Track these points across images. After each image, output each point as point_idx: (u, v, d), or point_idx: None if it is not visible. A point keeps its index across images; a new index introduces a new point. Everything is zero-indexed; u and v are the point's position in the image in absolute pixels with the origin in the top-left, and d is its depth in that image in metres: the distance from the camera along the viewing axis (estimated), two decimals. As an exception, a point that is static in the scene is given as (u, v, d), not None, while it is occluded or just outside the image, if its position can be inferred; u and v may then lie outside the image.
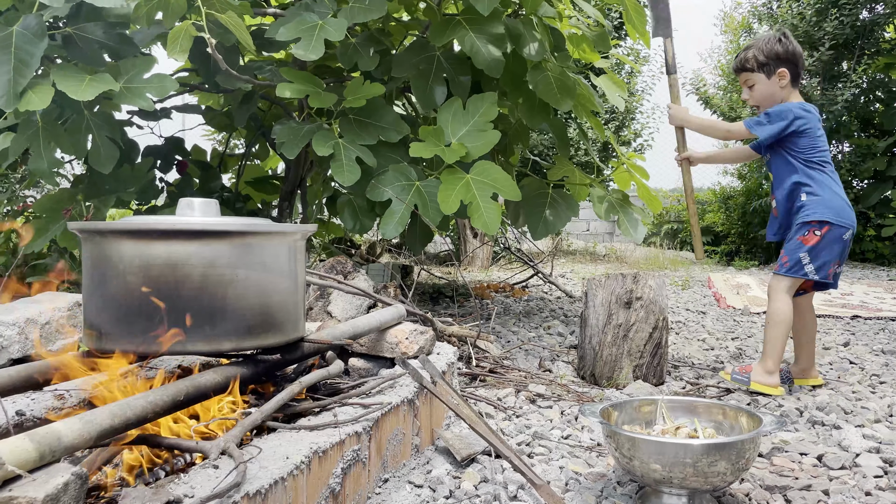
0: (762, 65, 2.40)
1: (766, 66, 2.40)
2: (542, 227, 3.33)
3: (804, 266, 2.33)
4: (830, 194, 2.34)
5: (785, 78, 2.40)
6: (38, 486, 0.91)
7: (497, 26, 2.84)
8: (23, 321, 1.72)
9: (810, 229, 2.33)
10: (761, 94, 2.44)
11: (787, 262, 2.36)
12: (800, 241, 2.34)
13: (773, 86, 2.41)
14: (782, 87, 2.41)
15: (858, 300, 4.80)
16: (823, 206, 2.33)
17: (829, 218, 2.32)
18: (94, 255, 1.38)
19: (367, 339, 1.95)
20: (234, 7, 2.56)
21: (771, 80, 2.41)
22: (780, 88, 2.41)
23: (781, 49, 2.39)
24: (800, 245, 2.33)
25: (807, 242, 2.33)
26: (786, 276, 2.37)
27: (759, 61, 2.40)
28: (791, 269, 2.35)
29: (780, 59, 2.39)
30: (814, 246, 2.32)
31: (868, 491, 1.56)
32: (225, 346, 1.38)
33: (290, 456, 1.21)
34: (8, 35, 2.38)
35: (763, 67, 2.41)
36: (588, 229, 11.06)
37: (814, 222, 2.32)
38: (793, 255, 2.35)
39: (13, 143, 2.61)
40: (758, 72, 2.42)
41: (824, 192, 2.34)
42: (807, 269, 2.33)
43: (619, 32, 8.07)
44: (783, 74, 2.39)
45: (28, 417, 1.39)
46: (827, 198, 2.33)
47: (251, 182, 3.99)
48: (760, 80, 2.42)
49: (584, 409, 1.56)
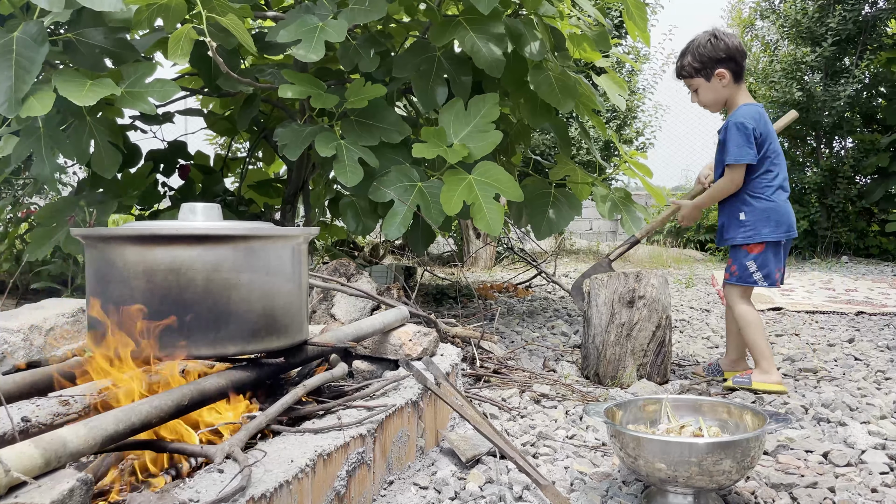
0: (698, 70, 2.39)
1: (702, 70, 2.38)
2: (545, 227, 3.33)
3: (752, 275, 2.38)
4: (764, 209, 2.36)
5: (725, 77, 2.37)
6: (44, 493, 0.92)
7: (497, 26, 2.84)
8: (27, 327, 1.72)
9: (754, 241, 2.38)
10: (706, 98, 2.43)
11: (736, 271, 2.41)
12: (746, 250, 2.39)
13: (715, 88, 2.39)
14: (724, 86, 2.38)
15: (863, 296, 4.79)
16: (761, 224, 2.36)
17: (767, 238, 2.36)
18: (98, 260, 1.38)
19: (371, 341, 1.95)
20: (234, 10, 2.56)
21: (712, 83, 2.39)
22: (722, 88, 2.39)
23: (712, 49, 2.35)
24: (746, 254, 2.38)
25: (752, 251, 2.38)
26: (737, 285, 2.42)
27: (695, 67, 2.39)
28: (741, 278, 2.40)
29: (715, 61, 2.36)
30: (759, 254, 2.37)
31: (874, 488, 1.56)
32: (229, 350, 1.38)
33: (295, 459, 1.21)
34: (9, 41, 2.38)
35: (700, 72, 2.39)
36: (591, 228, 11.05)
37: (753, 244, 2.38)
38: (741, 265, 2.39)
39: (16, 148, 2.62)
40: (696, 77, 2.40)
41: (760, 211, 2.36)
42: (755, 278, 2.38)
43: (620, 31, 8.06)
44: (722, 75, 2.37)
45: (33, 423, 1.39)
46: (762, 216, 2.36)
47: (254, 185, 4.00)
48: (701, 85, 2.41)
49: (588, 409, 1.56)
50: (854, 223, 8.14)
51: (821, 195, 8.23)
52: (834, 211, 8.12)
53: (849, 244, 8.20)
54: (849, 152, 8.33)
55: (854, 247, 8.23)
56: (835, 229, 8.12)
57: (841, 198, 8.05)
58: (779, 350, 3.10)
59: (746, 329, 2.41)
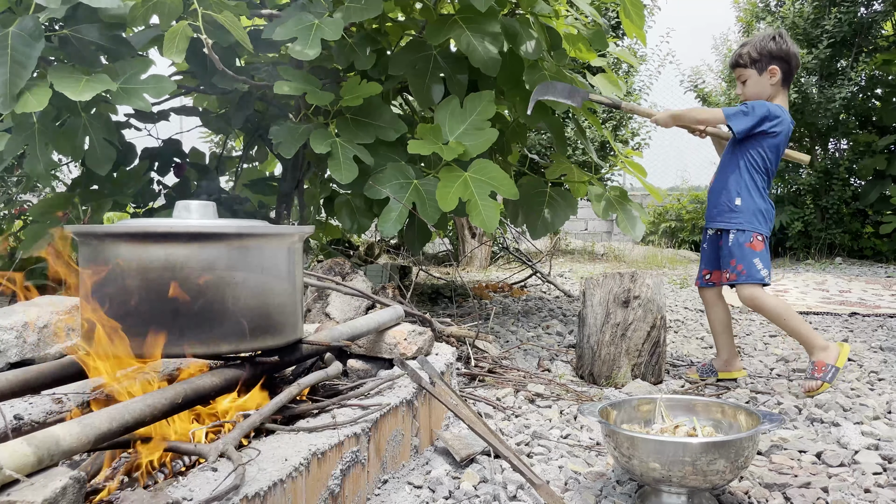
0: (755, 61, 2.44)
1: (758, 62, 2.43)
2: (540, 226, 3.33)
3: (759, 271, 2.38)
4: (760, 202, 2.40)
5: (776, 76, 2.42)
6: (37, 491, 0.91)
7: (493, 25, 2.84)
8: (20, 325, 1.71)
9: (753, 234, 2.39)
10: (752, 91, 2.46)
11: (744, 269, 2.40)
12: (749, 247, 2.39)
13: (763, 83, 2.44)
14: (772, 84, 2.43)
15: (856, 297, 4.80)
16: (757, 215, 2.39)
17: (763, 230, 2.39)
18: (92, 258, 1.38)
19: (366, 340, 1.95)
20: (230, 7, 2.56)
21: (762, 77, 2.44)
22: (770, 86, 2.44)
23: (775, 47, 2.42)
24: (751, 251, 2.39)
25: (756, 248, 2.39)
26: (749, 284, 2.40)
27: (752, 57, 2.44)
28: (749, 275, 2.39)
29: (772, 57, 2.42)
30: (762, 252, 2.39)
31: (867, 488, 1.56)
32: (223, 349, 1.38)
33: (289, 458, 1.21)
34: (4, 36, 2.37)
35: (755, 63, 2.44)
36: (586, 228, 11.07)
37: (753, 231, 2.39)
38: (747, 262, 2.39)
39: (8, 144, 2.61)
40: (750, 67, 2.45)
41: (755, 200, 2.40)
42: (763, 274, 2.38)
43: (617, 31, 8.07)
44: (774, 72, 2.42)
45: (26, 421, 1.39)
46: (757, 206, 2.39)
47: (249, 184, 3.99)
48: (752, 76, 2.45)
49: (582, 409, 1.56)
50: (848, 225, 8.17)
51: (815, 196, 8.26)
52: (828, 212, 8.15)
53: (843, 245, 8.23)
54: (844, 154, 8.35)
55: (848, 248, 8.26)
56: (829, 231, 8.15)
57: (835, 199, 8.08)
58: (773, 350, 3.10)
59: (786, 320, 2.38)
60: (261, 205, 4.03)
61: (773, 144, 2.39)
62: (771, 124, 2.36)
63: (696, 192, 10.26)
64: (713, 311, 2.61)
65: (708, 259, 2.59)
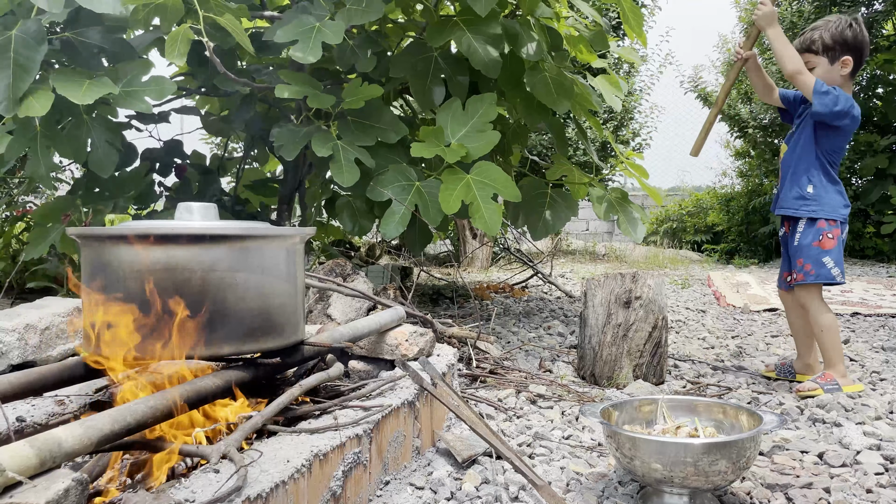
0: (828, 48, 2.29)
1: (832, 50, 2.29)
2: (541, 227, 3.33)
3: (830, 270, 2.31)
4: (834, 192, 2.33)
5: (848, 67, 2.29)
6: (39, 493, 0.91)
7: (494, 27, 2.84)
8: (22, 327, 1.72)
9: (823, 233, 2.30)
10: (820, 78, 2.30)
11: (812, 269, 2.32)
12: (818, 246, 2.30)
13: (833, 72, 2.30)
14: (843, 75, 2.30)
15: (858, 297, 4.80)
16: (831, 203, 2.30)
17: (837, 216, 2.30)
18: (94, 260, 1.38)
19: (367, 341, 1.95)
20: (231, 10, 2.56)
21: (833, 67, 2.29)
22: (839, 76, 2.30)
23: (851, 35, 2.27)
24: (820, 251, 2.30)
25: (826, 247, 2.30)
26: (815, 284, 2.34)
27: (826, 44, 2.28)
28: (818, 275, 2.32)
29: (847, 46, 2.28)
30: (833, 249, 2.31)
31: (869, 488, 1.56)
32: (225, 350, 1.38)
33: (291, 459, 1.21)
34: (7, 40, 2.38)
35: (828, 52, 2.29)
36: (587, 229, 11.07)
37: (822, 222, 2.30)
38: (816, 262, 2.31)
39: (10, 147, 2.61)
40: (822, 55, 2.30)
41: (830, 189, 2.32)
42: (833, 273, 2.31)
43: (618, 32, 8.08)
44: (847, 63, 2.29)
45: (28, 423, 1.39)
46: (832, 195, 2.31)
47: (250, 185, 3.99)
48: (822, 64, 2.30)
49: (584, 410, 1.56)
50: (850, 224, 8.16)
51: (817, 196, 8.25)
52: (829, 212, 8.14)
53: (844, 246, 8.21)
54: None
55: (849, 248, 8.24)
56: (830, 231, 8.14)
57: (837, 199, 8.07)
58: (775, 351, 3.11)
59: (828, 334, 2.32)
60: (262, 206, 4.04)
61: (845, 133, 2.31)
62: (845, 122, 2.27)
63: (696, 192, 10.25)
64: (792, 315, 2.53)
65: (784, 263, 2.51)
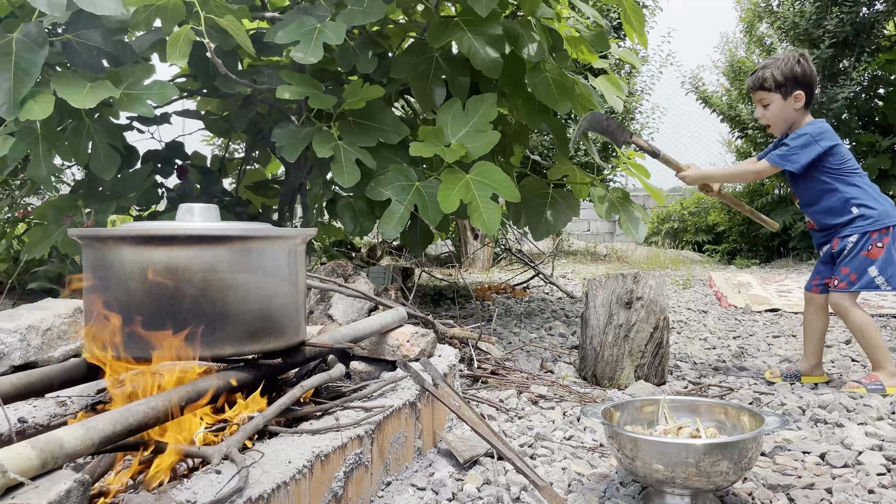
0: (780, 85, 2.37)
1: (783, 86, 2.37)
2: (542, 228, 3.33)
3: (874, 279, 2.32)
4: (880, 198, 2.34)
5: (801, 101, 2.37)
6: (41, 494, 0.91)
7: (495, 27, 2.84)
8: (24, 328, 1.72)
9: (873, 242, 2.30)
10: (775, 115, 2.41)
11: (856, 279, 2.33)
12: (865, 256, 2.31)
13: (787, 107, 2.38)
14: (796, 109, 2.38)
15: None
16: (880, 212, 2.31)
17: (890, 221, 2.30)
18: (95, 261, 1.38)
19: (369, 342, 1.95)
20: (232, 11, 2.56)
21: (787, 102, 2.38)
22: (794, 111, 2.38)
23: (801, 71, 2.35)
24: (866, 260, 2.31)
25: (873, 256, 2.31)
26: (856, 293, 2.35)
27: (777, 81, 2.37)
28: (862, 285, 2.33)
29: (798, 82, 2.36)
30: (882, 258, 2.31)
31: (871, 489, 1.56)
32: (226, 351, 1.38)
33: (293, 460, 1.21)
34: (8, 43, 2.38)
35: (780, 88, 2.37)
36: (589, 229, 11.07)
37: (874, 233, 2.30)
38: (860, 271, 2.32)
39: (12, 149, 2.61)
40: (774, 92, 2.38)
41: (874, 199, 2.33)
42: (878, 282, 2.32)
43: (619, 33, 8.08)
44: (799, 97, 2.37)
45: (30, 424, 1.39)
46: (880, 204, 2.32)
47: (251, 186, 4.00)
48: (776, 101, 2.39)
49: (586, 410, 1.56)
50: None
51: (818, 197, 8.25)
52: (832, 212, 8.13)
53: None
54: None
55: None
56: (832, 231, 8.13)
57: (839, 199, 8.06)
58: (776, 351, 3.10)
59: (870, 335, 2.35)
60: (263, 207, 4.04)
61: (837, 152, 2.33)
62: (822, 147, 2.31)
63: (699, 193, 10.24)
64: (813, 316, 2.54)
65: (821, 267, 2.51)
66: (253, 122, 3.63)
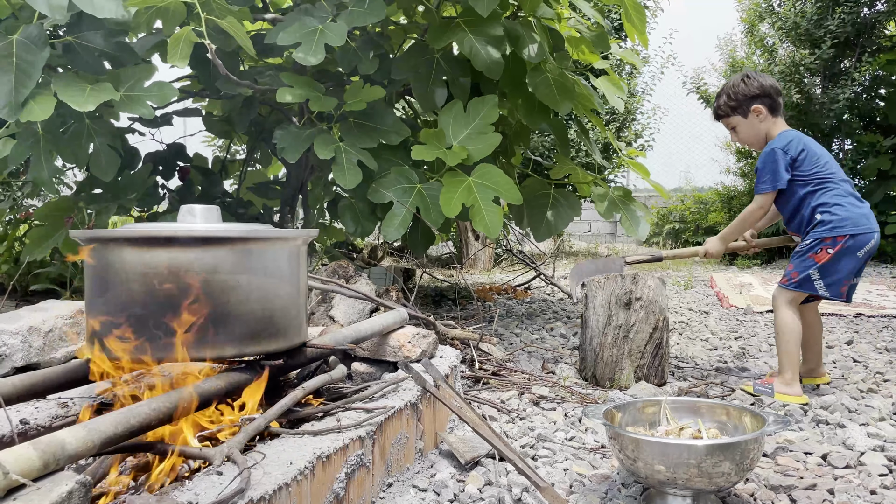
0: (735, 108, 2.44)
1: (738, 108, 2.43)
2: (544, 228, 3.33)
3: (813, 283, 2.31)
4: (849, 206, 2.32)
5: (761, 113, 2.41)
6: (43, 495, 0.91)
7: (496, 28, 2.84)
8: (25, 329, 1.72)
9: (823, 247, 2.30)
10: (746, 135, 2.46)
11: (797, 277, 2.33)
12: (811, 258, 2.32)
13: (752, 124, 2.43)
14: (762, 121, 2.42)
15: (861, 298, 4.79)
16: (841, 218, 2.31)
17: (848, 230, 2.30)
18: (97, 262, 1.38)
19: (370, 343, 1.95)
20: (233, 12, 2.56)
21: (749, 119, 2.43)
22: (760, 123, 2.42)
23: (746, 88, 2.41)
24: (811, 262, 2.32)
25: (818, 260, 2.31)
26: (792, 291, 2.35)
27: (731, 105, 2.44)
28: (799, 284, 2.33)
29: (749, 98, 2.41)
30: (824, 264, 2.30)
31: (873, 490, 1.56)
32: (228, 352, 1.38)
33: (294, 461, 1.21)
34: (9, 44, 2.38)
35: (736, 110, 2.44)
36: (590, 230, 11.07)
37: (827, 239, 2.30)
38: (802, 272, 2.33)
39: (13, 151, 2.62)
40: (733, 115, 2.45)
41: (840, 207, 2.32)
42: (816, 286, 2.31)
43: (619, 34, 8.07)
44: (758, 110, 2.41)
45: (32, 426, 1.39)
46: (845, 211, 2.31)
47: (252, 187, 4.00)
48: (739, 122, 2.45)
49: (587, 411, 1.56)
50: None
51: (819, 197, 8.24)
52: (833, 213, 8.12)
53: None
54: (848, 155, 8.33)
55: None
56: (834, 231, 8.12)
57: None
58: (778, 352, 3.10)
59: (784, 338, 2.33)
60: (265, 208, 4.04)
61: (805, 160, 2.33)
62: (790, 157, 2.32)
63: (699, 192, 10.25)
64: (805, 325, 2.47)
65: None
66: (254, 123, 3.63)
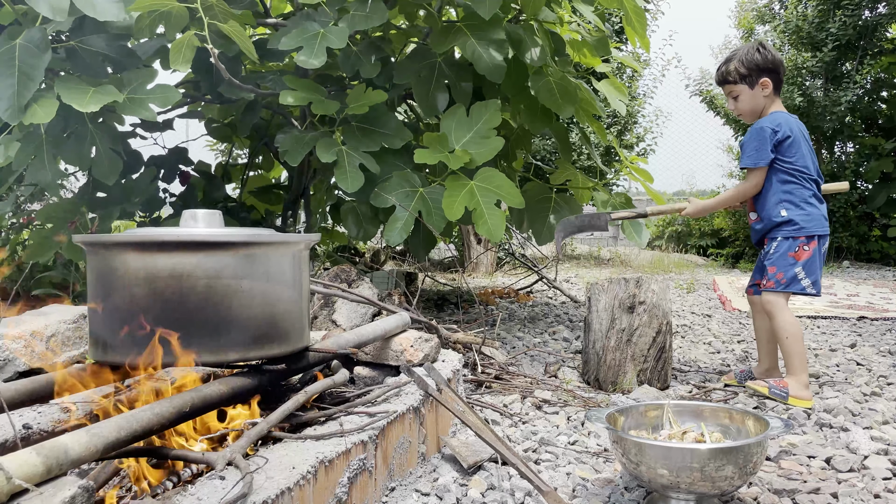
0: (744, 76, 2.43)
1: (747, 77, 2.43)
2: (545, 232, 3.33)
3: (800, 281, 2.32)
4: (810, 208, 2.34)
5: (768, 87, 2.42)
6: (46, 500, 0.91)
7: (498, 32, 2.84)
8: (28, 334, 1.72)
9: (800, 245, 2.32)
10: (746, 105, 2.46)
11: (783, 278, 2.34)
12: (792, 257, 2.33)
13: (756, 96, 2.43)
14: (765, 96, 2.43)
15: (864, 301, 4.78)
16: (807, 219, 2.33)
17: (816, 231, 2.33)
18: (99, 267, 1.38)
19: (372, 347, 1.95)
20: (236, 17, 2.57)
21: (754, 91, 2.43)
22: (763, 98, 2.43)
23: (761, 58, 2.40)
24: (793, 261, 2.33)
25: (800, 258, 2.33)
26: (783, 293, 2.36)
27: (741, 73, 2.43)
28: (788, 285, 2.34)
29: (761, 69, 2.41)
30: (807, 261, 2.32)
31: (877, 493, 1.55)
32: (230, 357, 1.38)
33: (297, 466, 1.21)
34: (11, 49, 2.39)
35: (745, 79, 2.43)
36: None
37: (802, 237, 2.32)
38: (787, 272, 2.33)
39: (17, 155, 2.62)
40: (741, 83, 2.44)
41: (804, 206, 2.34)
42: (804, 284, 2.32)
43: (620, 37, 8.08)
44: (765, 84, 2.41)
45: (35, 431, 1.39)
46: (808, 211, 2.34)
47: (255, 192, 4.00)
48: (744, 91, 2.44)
49: (590, 415, 1.56)
50: (855, 228, 8.14)
51: (822, 200, 8.25)
52: (835, 216, 8.13)
53: (850, 249, 8.20)
54: (850, 157, 8.33)
55: (855, 251, 8.23)
56: (836, 234, 8.12)
57: (842, 203, 8.06)
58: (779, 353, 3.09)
59: (791, 341, 2.32)
60: (267, 212, 4.05)
61: (788, 147, 2.34)
62: (777, 138, 2.33)
63: (702, 196, 10.24)
64: (758, 319, 2.54)
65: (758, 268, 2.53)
66: (256, 127, 3.64)
